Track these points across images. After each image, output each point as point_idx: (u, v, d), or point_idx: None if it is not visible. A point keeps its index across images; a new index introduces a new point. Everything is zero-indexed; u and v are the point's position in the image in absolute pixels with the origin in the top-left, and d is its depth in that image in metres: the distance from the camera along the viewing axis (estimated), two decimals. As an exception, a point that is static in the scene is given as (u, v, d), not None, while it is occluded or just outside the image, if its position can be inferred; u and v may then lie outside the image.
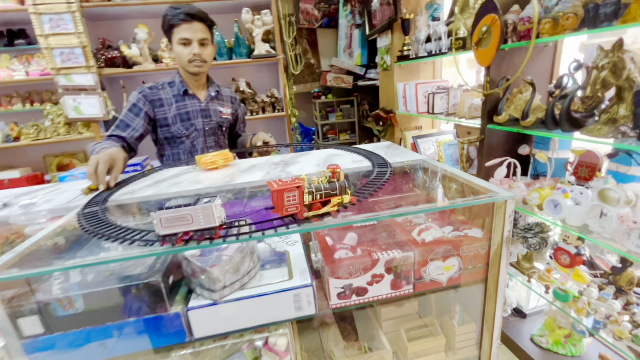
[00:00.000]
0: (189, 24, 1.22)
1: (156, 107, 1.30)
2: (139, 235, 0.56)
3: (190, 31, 1.23)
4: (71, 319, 0.60)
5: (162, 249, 0.53)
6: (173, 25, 1.21)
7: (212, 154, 1.08)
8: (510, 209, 0.63)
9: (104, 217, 0.65)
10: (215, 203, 0.54)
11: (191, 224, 0.53)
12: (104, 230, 0.59)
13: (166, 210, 0.52)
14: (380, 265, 0.66)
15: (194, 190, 0.88)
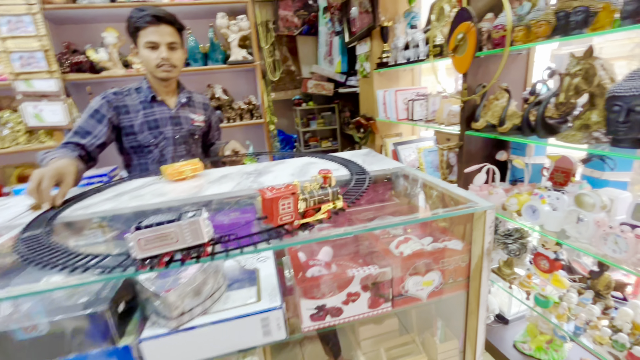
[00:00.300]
0: (156, 27, 1.16)
1: (121, 114, 1.22)
2: (90, 261, 0.49)
3: (158, 34, 1.16)
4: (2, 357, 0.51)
5: (115, 275, 0.46)
6: (139, 27, 1.14)
7: (179, 164, 1.01)
8: (490, 219, 0.60)
9: (47, 240, 0.58)
10: (203, 217, 0.48)
11: (176, 243, 0.47)
12: (47, 256, 0.51)
13: (145, 229, 0.45)
14: (356, 283, 0.61)
15: (156, 204, 0.81)
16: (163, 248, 0.46)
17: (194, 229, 0.47)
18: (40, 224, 0.67)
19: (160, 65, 1.19)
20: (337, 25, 3.01)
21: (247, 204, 0.77)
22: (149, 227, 0.45)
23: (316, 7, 3.59)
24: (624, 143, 1.03)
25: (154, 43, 1.17)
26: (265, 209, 0.53)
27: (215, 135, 1.54)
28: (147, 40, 1.15)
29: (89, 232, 0.76)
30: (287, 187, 0.53)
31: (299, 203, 0.54)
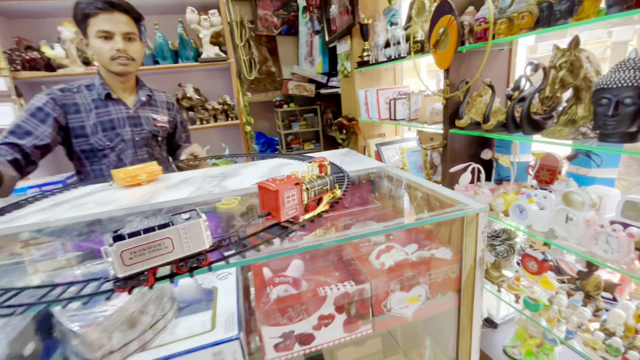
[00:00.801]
0: (109, 14, 1.03)
1: (70, 113, 1.08)
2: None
3: (112, 22, 1.03)
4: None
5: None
6: (88, 14, 1.01)
7: (132, 167, 0.89)
8: (482, 223, 0.52)
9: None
10: (202, 218, 0.40)
11: (170, 253, 0.37)
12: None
13: (131, 239, 0.34)
14: (329, 304, 0.51)
15: (97, 214, 0.68)
16: (153, 261, 0.36)
17: (195, 234, 0.38)
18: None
19: (116, 57, 1.07)
20: (316, 24, 2.93)
21: (203, 211, 0.66)
22: (135, 236, 0.34)
23: (296, 6, 3.51)
24: (613, 137, 0.98)
25: (108, 32, 1.04)
26: (267, 203, 0.47)
27: (182, 137, 1.41)
28: (99, 29, 1.02)
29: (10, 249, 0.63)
30: (288, 177, 0.48)
31: (303, 194, 0.48)
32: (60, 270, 0.54)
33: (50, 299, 0.36)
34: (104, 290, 0.37)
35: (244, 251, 0.42)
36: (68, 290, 0.38)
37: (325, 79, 3.49)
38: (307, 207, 0.48)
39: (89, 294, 0.37)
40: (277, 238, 0.43)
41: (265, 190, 0.46)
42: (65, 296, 0.37)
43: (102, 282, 0.38)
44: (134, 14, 1.08)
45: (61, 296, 0.37)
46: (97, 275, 0.54)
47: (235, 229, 0.49)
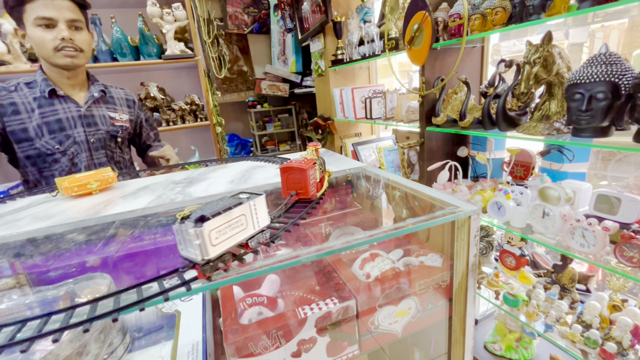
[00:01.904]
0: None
1: (7, 115, 0.94)
2: None
3: (53, 8, 0.90)
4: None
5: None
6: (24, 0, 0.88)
7: (81, 175, 0.77)
8: (475, 226, 0.47)
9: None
10: (263, 195, 0.42)
11: (245, 230, 0.38)
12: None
13: (215, 218, 0.34)
14: (310, 326, 0.45)
15: (33, 231, 0.58)
16: (234, 239, 0.37)
17: (261, 209, 0.40)
18: None
19: (60, 48, 0.94)
20: (288, 22, 2.86)
21: (162, 224, 0.58)
22: (218, 215, 0.35)
23: (266, 4, 3.41)
24: (586, 132, 0.99)
25: (49, 20, 0.91)
26: (293, 183, 0.51)
27: (150, 135, 1.28)
28: (38, 15, 0.89)
29: None
30: (305, 159, 0.53)
31: (316, 173, 0.53)
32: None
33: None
34: (185, 281, 0.34)
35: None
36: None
37: (299, 79, 3.42)
38: (317, 186, 0.52)
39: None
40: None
41: (292, 170, 0.50)
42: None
43: (185, 268, 0.35)
44: (81, 4, 0.96)
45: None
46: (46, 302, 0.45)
47: (277, 210, 0.48)
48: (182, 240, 0.34)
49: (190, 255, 0.34)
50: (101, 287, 0.47)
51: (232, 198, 0.40)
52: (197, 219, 0.33)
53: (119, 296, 0.33)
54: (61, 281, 0.47)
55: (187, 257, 0.35)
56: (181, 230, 0.34)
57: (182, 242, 0.34)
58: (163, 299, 0.32)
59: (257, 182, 0.73)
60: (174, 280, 0.35)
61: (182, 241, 0.34)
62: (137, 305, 0.31)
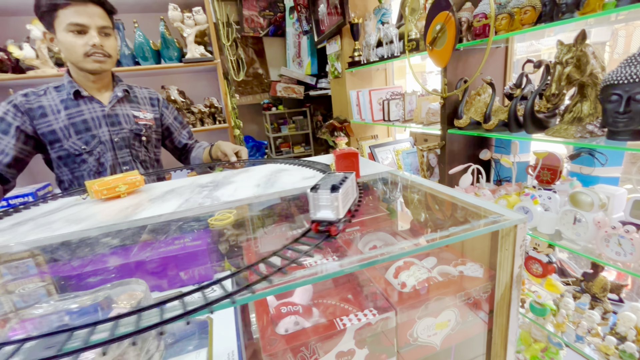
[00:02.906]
0: (83, 6, 0.92)
1: (36, 118, 0.97)
2: None
3: (86, 15, 0.93)
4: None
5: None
6: (57, 5, 0.90)
7: (110, 178, 0.78)
8: (521, 236, 0.45)
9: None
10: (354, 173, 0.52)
11: (349, 198, 0.47)
12: None
13: (342, 186, 0.44)
14: (349, 338, 0.43)
15: (67, 235, 0.58)
16: (347, 206, 0.46)
17: (353, 184, 0.49)
18: None
19: (91, 53, 0.96)
20: (304, 25, 2.86)
21: (193, 228, 0.57)
22: (342, 185, 0.44)
23: (282, 7, 3.43)
24: (623, 135, 0.94)
25: (82, 26, 0.93)
26: (347, 166, 0.64)
27: (183, 134, 1.29)
28: (71, 21, 0.91)
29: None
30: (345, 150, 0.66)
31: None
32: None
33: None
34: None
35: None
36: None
37: (314, 81, 3.42)
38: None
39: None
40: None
41: (346, 155, 0.62)
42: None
43: (324, 238, 0.42)
44: (108, 6, 0.98)
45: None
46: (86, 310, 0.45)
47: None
48: (315, 206, 0.43)
49: (325, 217, 0.43)
50: (137, 292, 0.47)
51: (334, 174, 0.50)
52: (331, 187, 0.42)
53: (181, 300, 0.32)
54: (98, 286, 0.47)
55: (321, 219, 0.43)
56: (316, 197, 0.42)
57: (316, 207, 0.43)
58: (230, 302, 0.32)
59: (285, 187, 0.72)
60: (215, 290, 0.34)
61: (315, 207, 0.43)
62: (207, 308, 0.31)
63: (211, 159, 1.16)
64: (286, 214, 0.65)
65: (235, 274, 0.36)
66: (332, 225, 0.42)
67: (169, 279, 0.50)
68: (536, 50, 1.89)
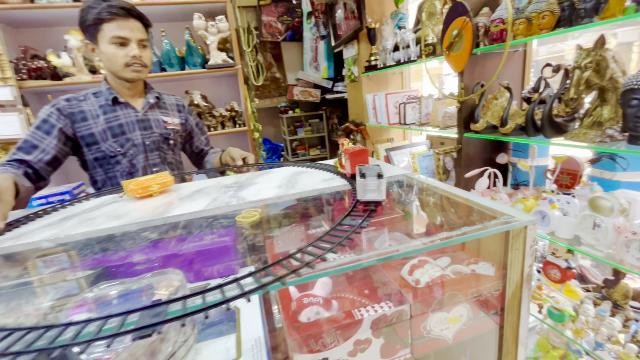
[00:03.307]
0: (125, 21, 1.00)
1: (77, 121, 1.05)
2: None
3: (128, 29, 1.01)
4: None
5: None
6: (102, 20, 0.98)
7: (144, 178, 0.85)
8: (531, 237, 0.47)
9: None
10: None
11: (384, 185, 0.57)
12: None
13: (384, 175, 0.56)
14: (366, 327, 0.47)
15: (110, 229, 0.65)
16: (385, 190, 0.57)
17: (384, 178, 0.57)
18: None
19: (130, 64, 1.04)
20: (322, 30, 2.91)
21: (222, 225, 0.62)
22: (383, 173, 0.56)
23: (300, 12, 3.50)
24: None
25: (124, 39, 1.01)
26: (357, 162, 0.70)
27: (202, 140, 1.37)
28: (114, 34, 1.00)
29: (18, 270, 0.59)
30: (358, 147, 0.72)
31: None
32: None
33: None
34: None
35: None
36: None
37: (330, 84, 3.47)
38: None
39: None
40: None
41: (355, 153, 0.70)
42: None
43: (369, 214, 0.51)
44: (146, 21, 1.06)
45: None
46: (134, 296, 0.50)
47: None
48: (363, 190, 0.54)
49: (373, 198, 0.54)
50: (174, 281, 0.52)
51: (368, 166, 0.60)
52: (377, 175, 0.55)
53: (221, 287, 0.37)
54: (140, 275, 0.53)
55: (369, 200, 0.54)
56: (366, 183, 0.54)
57: (363, 191, 0.54)
58: (281, 284, 0.36)
59: (304, 187, 0.76)
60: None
61: (363, 190, 0.54)
62: (262, 290, 0.36)
63: (221, 164, 1.23)
64: (309, 212, 0.69)
65: (285, 259, 0.40)
66: (378, 205, 0.53)
67: (203, 269, 0.55)
68: (559, 51, 1.86)
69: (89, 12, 0.98)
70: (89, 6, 0.98)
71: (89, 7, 0.98)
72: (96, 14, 0.97)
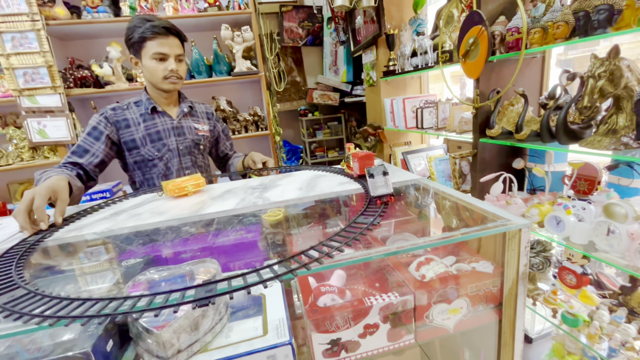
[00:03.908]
0: (165, 39, 1.12)
1: (121, 128, 1.18)
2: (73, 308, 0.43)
3: (167, 46, 1.13)
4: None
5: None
6: (146, 38, 1.10)
7: (180, 180, 0.96)
8: (525, 238, 0.53)
9: (17, 277, 0.51)
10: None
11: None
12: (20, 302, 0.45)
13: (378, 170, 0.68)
14: (374, 313, 0.54)
15: (156, 224, 0.75)
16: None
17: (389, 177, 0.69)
18: (18, 252, 0.62)
19: (168, 77, 1.16)
20: (342, 35, 2.99)
21: (251, 222, 0.71)
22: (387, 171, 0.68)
23: (320, 18, 3.59)
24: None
25: (164, 55, 1.13)
26: (364, 165, 0.83)
27: (227, 145, 1.48)
28: (156, 51, 1.12)
29: (85, 255, 0.70)
30: (363, 153, 0.86)
31: None
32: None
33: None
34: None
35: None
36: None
37: (349, 88, 3.53)
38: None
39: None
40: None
41: (363, 157, 0.84)
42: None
43: (384, 206, 0.63)
44: (183, 37, 1.18)
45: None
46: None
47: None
48: (373, 186, 0.66)
49: (383, 192, 0.65)
50: (211, 269, 0.61)
51: (374, 167, 0.70)
52: (382, 173, 0.66)
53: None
54: (182, 262, 0.62)
55: (380, 194, 0.65)
56: (375, 181, 0.66)
57: (374, 187, 0.66)
58: (306, 269, 0.44)
59: (323, 190, 0.84)
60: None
61: (373, 187, 0.66)
62: (291, 274, 0.44)
63: (243, 167, 1.32)
64: (326, 212, 0.77)
65: (306, 251, 0.48)
66: (389, 197, 0.64)
67: (235, 260, 0.63)
68: (591, 49, 1.82)
69: (134, 31, 1.10)
70: (135, 25, 1.10)
71: (135, 27, 1.10)
72: (141, 33, 1.09)
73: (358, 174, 0.86)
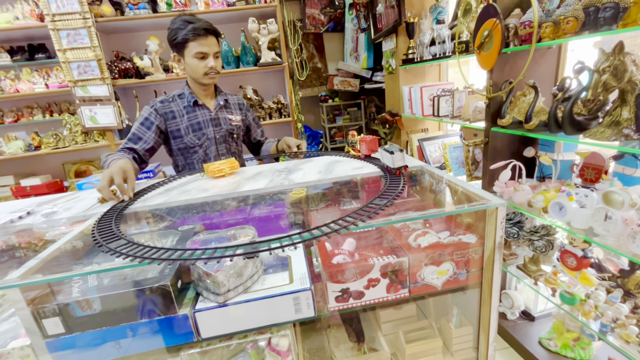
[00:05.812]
0: (205, 39, 1.27)
1: (168, 119, 1.36)
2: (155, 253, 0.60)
3: (207, 45, 1.28)
4: (89, 320, 0.65)
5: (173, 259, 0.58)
6: (188, 39, 1.26)
7: (219, 162, 1.13)
8: (501, 215, 0.66)
9: (118, 232, 0.70)
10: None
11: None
12: (122, 247, 0.63)
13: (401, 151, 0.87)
14: (376, 270, 0.69)
15: (203, 198, 0.93)
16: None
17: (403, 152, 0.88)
18: (110, 219, 0.81)
19: (208, 73, 1.32)
20: (362, 22, 3.03)
21: (279, 199, 0.87)
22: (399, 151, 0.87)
23: (342, 4, 3.62)
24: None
25: (204, 54, 1.29)
26: (370, 148, 1.07)
27: (258, 132, 1.65)
28: (198, 50, 1.27)
29: (152, 220, 0.89)
30: (369, 137, 1.08)
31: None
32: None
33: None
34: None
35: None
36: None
37: (369, 74, 3.58)
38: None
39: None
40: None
41: (369, 141, 1.05)
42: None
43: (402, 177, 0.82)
44: (218, 35, 1.33)
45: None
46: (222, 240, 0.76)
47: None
48: (394, 160, 0.84)
49: (400, 165, 0.84)
50: (249, 234, 0.78)
51: (388, 146, 0.88)
52: (399, 150, 0.84)
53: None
54: (227, 228, 0.80)
55: (398, 166, 0.83)
56: (394, 156, 0.84)
57: (394, 161, 0.84)
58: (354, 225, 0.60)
59: (340, 174, 0.98)
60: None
61: (394, 161, 0.84)
62: (326, 234, 0.58)
63: (277, 151, 1.48)
64: (343, 192, 0.92)
65: (363, 207, 0.64)
66: (405, 168, 0.83)
67: (268, 228, 0.80)
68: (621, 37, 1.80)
69: (177, 33, 1.26)
70: (178, 27, 1.26)
71: (178, 29, 1.26)
72: (184, 35, 1.24)
73: (365, 155, 1.09)
